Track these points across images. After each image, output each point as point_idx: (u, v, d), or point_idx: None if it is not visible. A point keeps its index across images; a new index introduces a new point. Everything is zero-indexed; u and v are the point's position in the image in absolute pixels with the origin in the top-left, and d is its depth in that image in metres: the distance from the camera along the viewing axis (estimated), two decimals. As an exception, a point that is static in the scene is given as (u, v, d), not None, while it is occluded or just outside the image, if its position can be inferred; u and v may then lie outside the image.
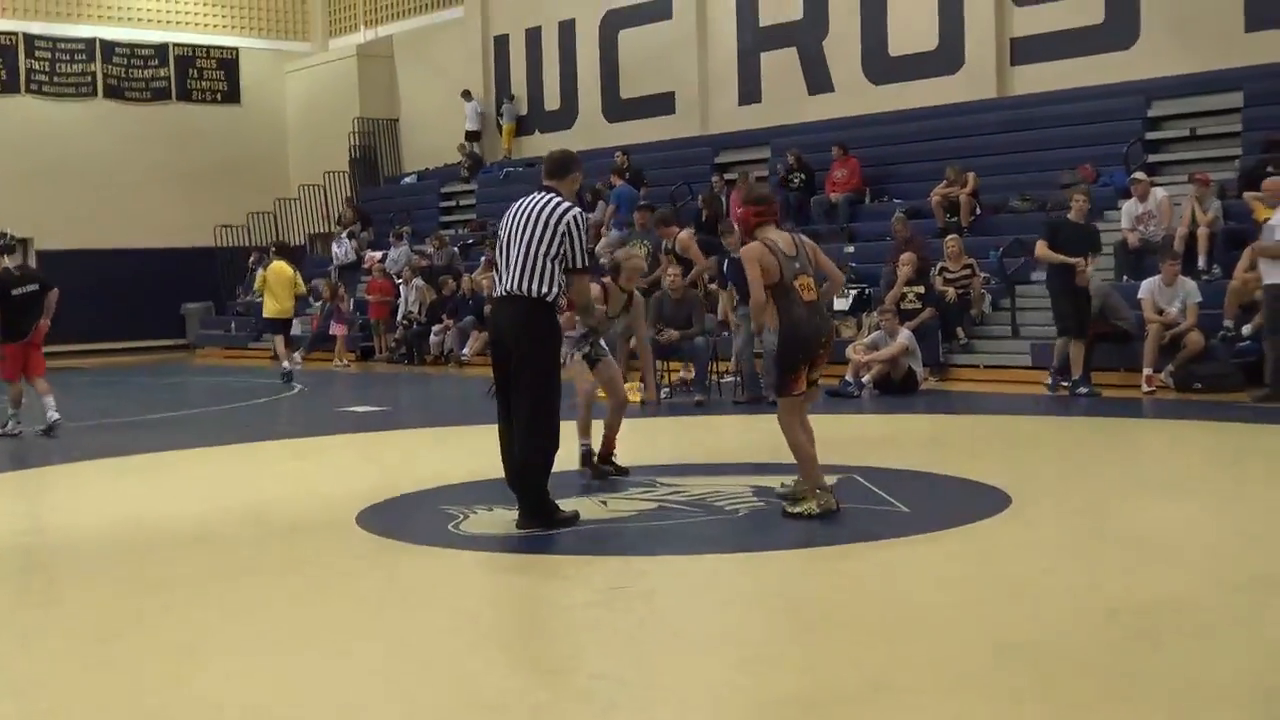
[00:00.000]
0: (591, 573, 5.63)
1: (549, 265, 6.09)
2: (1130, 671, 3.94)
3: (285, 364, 16.58)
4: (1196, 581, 5.03)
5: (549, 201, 6.18)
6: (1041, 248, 11.75)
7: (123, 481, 8.62)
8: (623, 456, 7.81)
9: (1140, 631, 4.35)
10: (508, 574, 5.80)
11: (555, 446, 6.23)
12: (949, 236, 14.53)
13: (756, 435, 6.56)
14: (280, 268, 16.82)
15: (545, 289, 6.11)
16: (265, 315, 17.05)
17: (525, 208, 6.24)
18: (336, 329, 20.03)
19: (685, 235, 13.15)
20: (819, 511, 6.15)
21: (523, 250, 6.12)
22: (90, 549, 6.31)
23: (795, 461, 6.47)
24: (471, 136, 24.66)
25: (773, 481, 6.74)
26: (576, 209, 6.20)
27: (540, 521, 6.23)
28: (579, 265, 6.15)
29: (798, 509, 6.27)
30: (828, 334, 6.44)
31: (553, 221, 6.10)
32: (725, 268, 12.46)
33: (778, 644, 4.41)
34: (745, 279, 6.44)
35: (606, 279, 7.56)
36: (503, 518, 6.53)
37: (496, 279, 6.38)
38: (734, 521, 6.40)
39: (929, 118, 17.95)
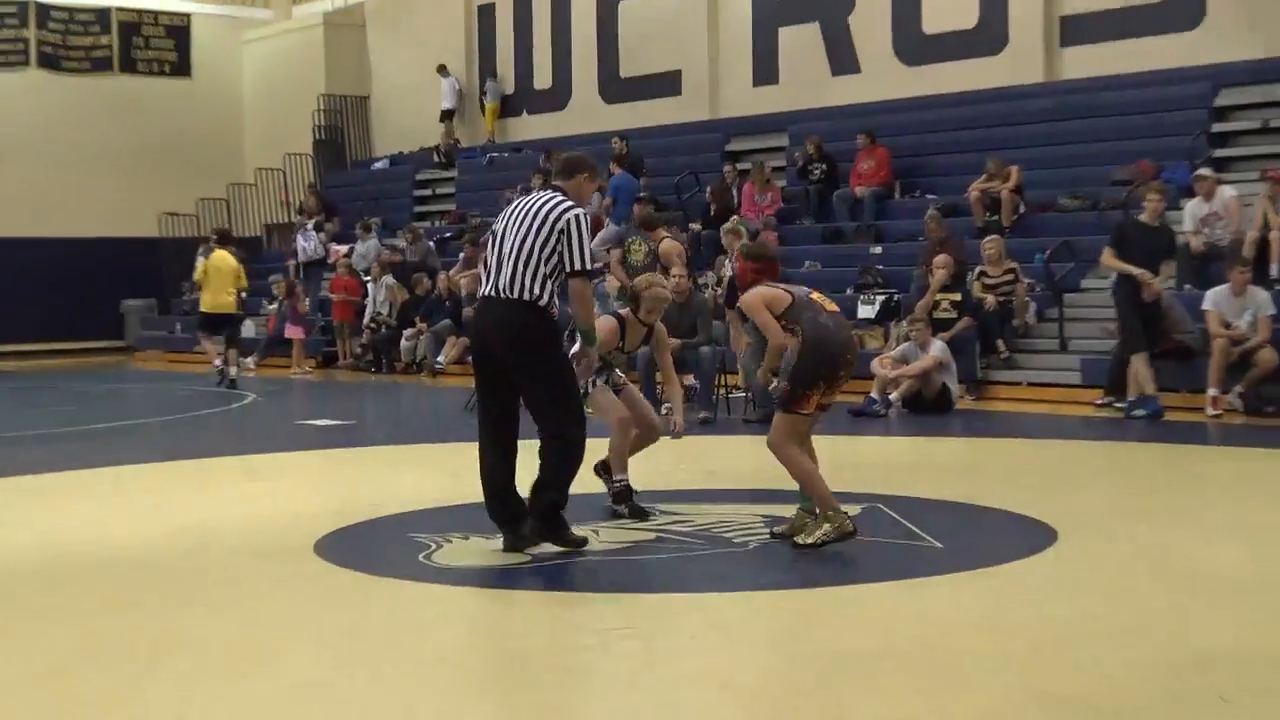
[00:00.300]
0: (583, 612, 5.61)
1: (543, 267, 6.18)
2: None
3: (217, 361, 16.78)
4: (1266, 631, 5.01)
5: (551, 199, 6.30)
6: (1107, 255, 11.70)
7: (48, 502, 8.58)
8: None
9: (1202, 685, 4.33)
10: (486, 612, 5.78)
11: (582, 454, 6.35)
12: (988, 237, 14.53)
13: (769, 458, 6.53)
14: (223, 257, 16.88)
15: (538, 292, 6.18)
16: (203, 310, 17.05)
17: (525, 205, 6.37)
18: (293, 332, 20.01)
19: (668, 245, 12.98)
20: (834, 535, 6.10)
21: (515, 249, 6.21)
22: (3, 577, 6.27)
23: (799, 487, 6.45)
24: (446, 116, 24.68)
25: (788, 510, 6.71)
26: (579, 209, 6.29)
27: (550, 536, 6.33)
28: (576, 267, 6.19)
29: (809, 539, 6.22)
30: (854, 353, 6.46)
31: (551, 219, 6.20)
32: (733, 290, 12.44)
33: (791, 694, 4.38)
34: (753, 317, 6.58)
35: (624, 311, 7.49)
36: (480, 547, 6.52)
37: (484, 279, 6.44)
38: (744, 555, 6.39)
39: (967, 104, 17.98)
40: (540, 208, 6.26)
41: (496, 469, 6.37)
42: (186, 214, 25.80)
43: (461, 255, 19.65)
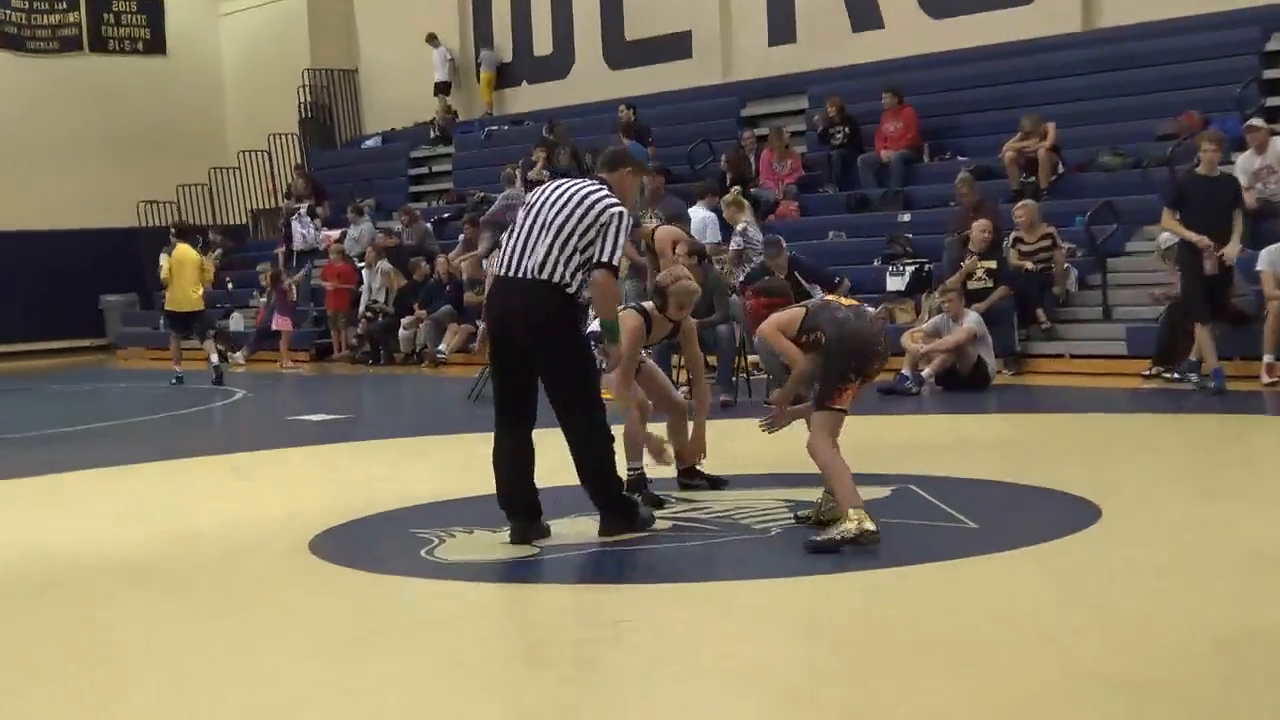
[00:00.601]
0: (594, 604, 5.68)
1: (578, 256, 6.35)
2: (1244, 712, 3.96)
3: (178, 367, 17.19)
4: (1325, 605, 5.04)
5: (595, 190, 6.47)
6: (1167, 217, 11.52)
7: (28, 505, 8.68)
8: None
9: (1256, 665, 4.37)
10: (493, 607, 5.85)
11: (608, 436, 6.54)
12: (1019, 204, 14.50)
13: (792, 442, 6.58)
14: (188, 252, 17.24)
15: (568, 279, 6.35)
16: (170, 309, 17.34)
17: (565, 189, 6.52)
18: (280, 323, 20.06)
19: (664, 233, 12.93)
20: (855, 534, 6.08)
21: (553, 230, 6.36)
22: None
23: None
24: (441, 89, 24.71)
25: (812, 495, 6.76)
26: (623, 208, 6.46)
27: (626, 523, 6.53)
28: (604, 259, 6.35)
29: (825, 535, 6.15)
30: (884, 343, 6.49)
31: (596, 210, 6.36)
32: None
33: (816, 683, 4.43)
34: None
35: (648, 304, 7.53)
36: (485, 541, 6.59)
37: (503, 258, 6.56)
38: (765, 541, 6.44)
39: (999, 57, 17.95)
40: (585, 195, 6.41)
41: (515, 453, 6.49)
42: (166, 202, 25.86)
43: (461, 237, 19.72)
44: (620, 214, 6.39)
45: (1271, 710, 3.96)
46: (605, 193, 6.45)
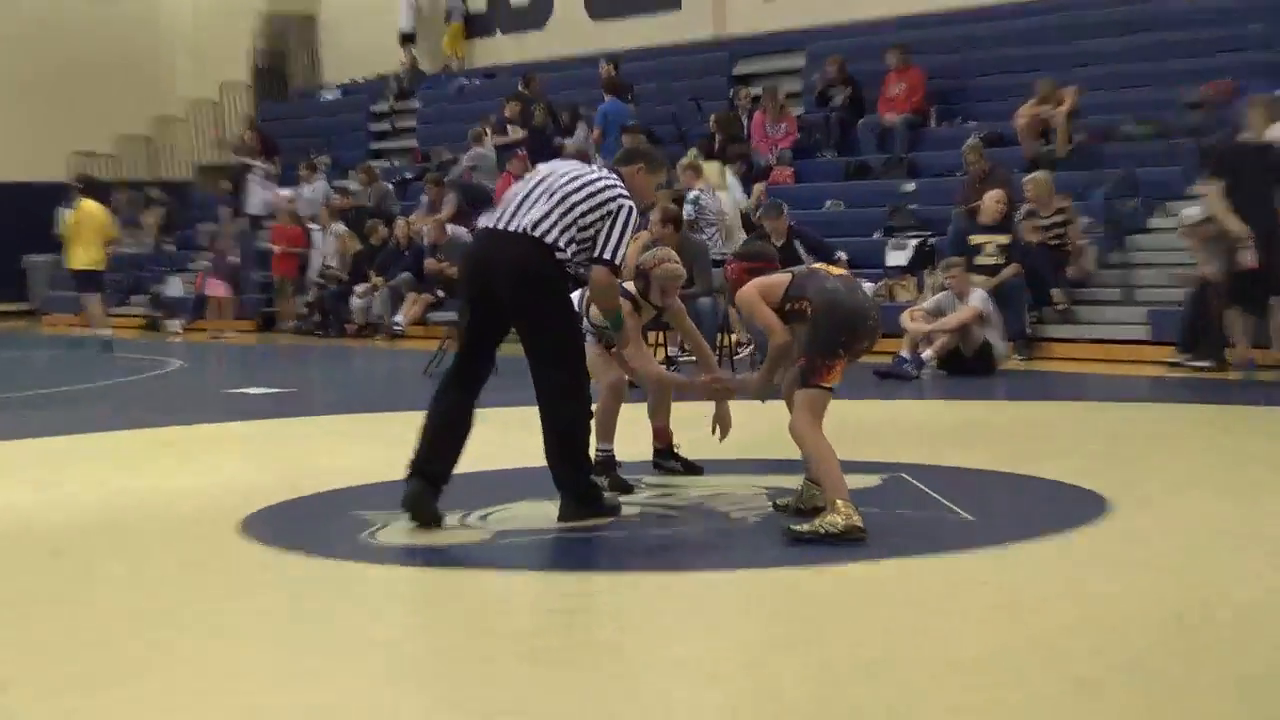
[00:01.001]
0: (545, 593, 5.67)
1: (575, 231, 6.45)
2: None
3: (105, 331, 17.44)
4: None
5: (608, 179, 6.65)
6: (1215, 194, 11.46)
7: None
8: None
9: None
10: (437, 594, 5.82)
11: (587, 420, 6.59)
12: (1029, 176, 14.48)
13: (775, 424, 6.57)
14: (92, 208, 17.54)
15: (562, 245, 6.42)
16: (75, 267, 17.63)
17: (578, 170, 6.74)
18: (213, 287, 19.98)
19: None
20: (842, 528, 6.01)
21: (558, 196, 6.49)
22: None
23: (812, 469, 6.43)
24: (407, 39, 24.64)
25: (793, 481, 6.75)
26: (632, 204, 6.59)
27: (590, 508, 6.54)
28: (606, 256, 6.46)
29: (808, 526, 6.10)
30: (875, 319, 6.43)
31: (604, 196, 6.51)
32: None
33: (782, 679, 4.39)
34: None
35: (630, 285, 7.52)
36: (431, 524, 6.55)
37: (494, 213, 6.66)
38: (740, 531, 6.43)
39: (1015, 16, 18.00)
40: (596, 179, 6.59)
41: (452, 413, 6.54)
42: (102, 154, 25.75)
43: (424, 198, 19.66)
44: (629, 209, 6.52)
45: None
46: (617, 183, 6.62)
